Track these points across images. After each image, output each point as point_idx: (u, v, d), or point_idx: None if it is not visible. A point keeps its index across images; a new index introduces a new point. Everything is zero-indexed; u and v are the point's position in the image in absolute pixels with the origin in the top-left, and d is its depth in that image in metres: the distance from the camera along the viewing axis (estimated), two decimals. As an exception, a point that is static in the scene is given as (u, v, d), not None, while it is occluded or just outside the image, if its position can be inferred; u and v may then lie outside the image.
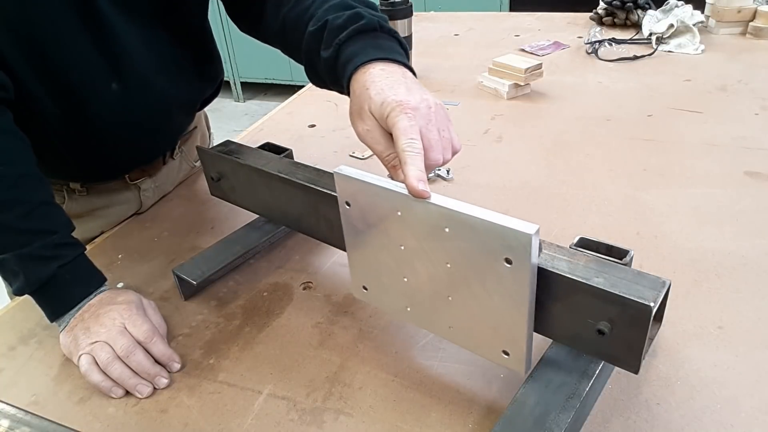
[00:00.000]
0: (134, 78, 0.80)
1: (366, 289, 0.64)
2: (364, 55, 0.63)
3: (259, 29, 0.84)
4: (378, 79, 0.61)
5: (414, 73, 0.65)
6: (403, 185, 0.53)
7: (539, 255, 0.51)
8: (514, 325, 0.52)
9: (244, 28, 0.87)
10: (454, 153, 0.61)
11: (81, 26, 0.73)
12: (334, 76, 0.68)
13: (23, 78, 0.71)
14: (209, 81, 0.96)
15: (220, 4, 0.88)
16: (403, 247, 0.56)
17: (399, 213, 0.54)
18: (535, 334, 0.54)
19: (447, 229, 0.51)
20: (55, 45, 0.72)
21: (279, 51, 0.84)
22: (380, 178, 0.56)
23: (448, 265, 0.53)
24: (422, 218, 0.53)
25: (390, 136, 0.58)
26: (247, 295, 0.78)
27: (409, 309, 0.61)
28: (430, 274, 0.56)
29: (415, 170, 0.52)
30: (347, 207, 0.59)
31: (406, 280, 0.58)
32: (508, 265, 0.49)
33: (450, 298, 0.56)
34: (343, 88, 0.66)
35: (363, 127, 0.60)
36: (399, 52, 0.66)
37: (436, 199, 0.51)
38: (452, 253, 0.52)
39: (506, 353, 0.54)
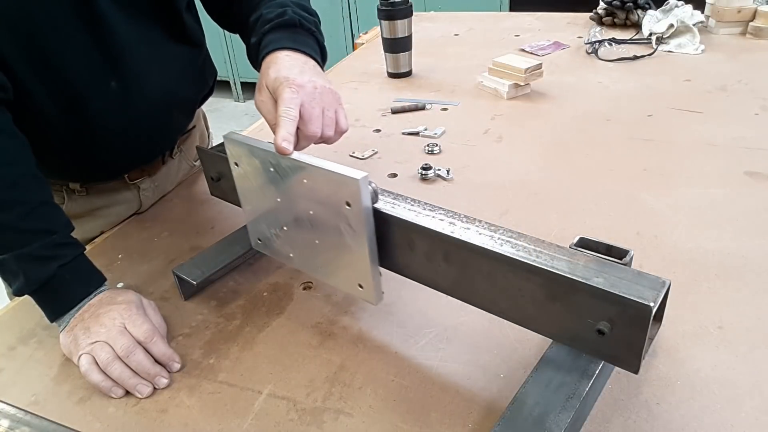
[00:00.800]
0: (133, 77, 0.80)
1: (260, 240, 0.74)
2: (277, 43, 0.75)
3: (226, 19, 0.93)
4: (280, 61, 0.72)
5: (321, 66, 0.77)
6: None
7: (376, 200, 0.59)
8: (362, 260, 0.61)
9: (216, 18, 0.94)
10: (339, 132, 0.72)
11: (80, 25, 0.73)
12: (256, 59, 0.78)
13: (22, 77, 0.71)
14: (205, 79, 0.97)
15: None
16: (279, 200, 0.66)
17: (271, 169, 0.64)
18: (542, 336, 0.54)
19: (305, 180, 0.61)
20: (54, 44, 0.72)
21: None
22: (259, 141, 0.66)
23: (311, 212, 0.63)
24: (288, 172, 0.63)
25: None
26: (247, 295, 0.78)
27: (291, 255, 0.71)
28: (300, 222, 0.66)
29: (283, 131, 0.63)
30: (236, 167, 0.69)
31: (285, 229, 0.69)
32: (348, 207, 0.58)
33: (317, 242, 0.65)
34: (258, 69, 0.75)
35: (259, 99, 0.71)
36: (311, 46, 0.77)
37: (295, 155, 0.61)
38: (311, 201, 0.62)
39: (361, 286, 0.64)
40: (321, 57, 0.79)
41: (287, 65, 0.71)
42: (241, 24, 0.87)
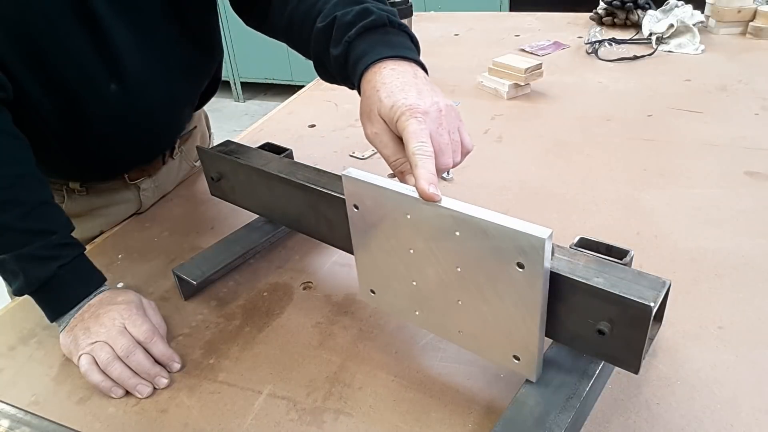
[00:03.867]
0: (133, 79, 0.80)
1: (374, 292, 0.64)
2: (374, 54, 0.62)
3: (264, 24, 0.83)
4: (388, 80, 0.60)
5: (425, 70, 0.64)
6: (412, 188, 0.53)
7: (552, 258, 0.50)
8: (526, 330, 0.51)
9: (249, 22, 0.86)
10: (465, 154, 0.60)
11: (78, 27, 0.72)
12: (344, 73, 0.67)
13: (20, 78, 0.71)
14: (207, 79, 0.96)
15: (224, 1, 0.88)
16: (412, 251, 0.56)
17: (408, 216, 0.54)
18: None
19: (457, 233, 0.51)
20: (52, 45, 0.72)
21: (279, 51, 0.84)
22: (388, 181, 0.55)
23: (459, 269, 0.53)
24: (432, 221, 0.52)
25: (399, 140, 0.57)
26: (247, 295, 0.78)
27: (417, 313, 0.60)
28: (440, 278, 0.55)
29: (426, 173, 0.52)
30: (355, 210, 0.59)
31: (415, 283, 0.58)
32: (521, 270, 0.48)
33: (460, 303, 0.55)
34: (354, 86, 0.66)
35: (372, 130, 0.60)
36: (409, 47, 0.66)
37: (446, 202, 0.51)
38: (463, 256, 0.52)
39: (517, 358, 0.54)
40: (419, 55, 0.67)
41: (399, 85, 0.59)
42: (290, 31, 0.77)
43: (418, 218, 0.53)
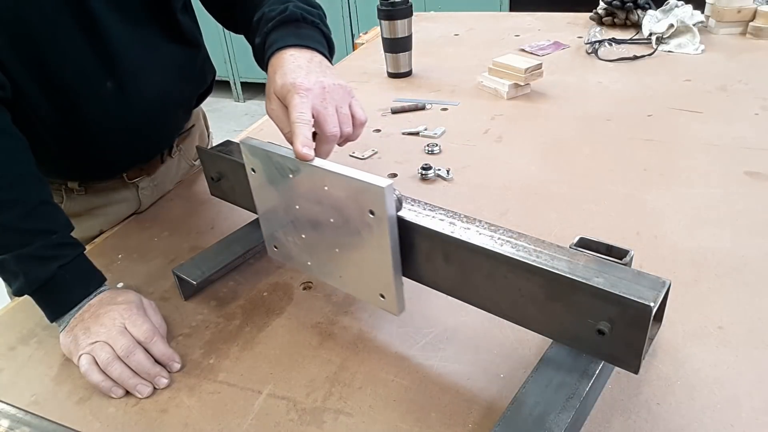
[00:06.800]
0: (129, 77, 0.80)
1: (276, 248, 0.73)
2: (280, 42, 0.73)
3: (230, 20, 0.91)
4: (285, 63, 0.70)
5: (328, 58, 0.75)
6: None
7: (400, 207, 0.59)
8: (385, 270, 0.60)
9: (219, 20, 0.93)
10: (358, 125, 0.70)
11: (74, 26, 0.73)
12: (262, 59, 0.77)
13: (18, 77, 0.71)
14: (203, 78, 0.97)
15: None
16: (297, 207, 0.65)
17: (291, 176, 0.63)
18: (542, 336, 0.54)
19: (326, 187, 0.59)
20: (49, 44, 0.72)
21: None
22: (275, 146, 0.64)
23: (332, 220, 0.62)
24: (308, 179, 0.61)
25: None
26: (247, 295, 0.78)
27: (309, 263, 0.69)
28: (320, 230, 0.64)
29: (301, 137, 0.61)
30: (253, 173, 0.67)
31: (303, 236, 0.67)
32: (372, 216, 0.56)
33: (337, 250, 0.64)
34: (266, 71, 0.74)
35: (269, 106, 0.69)
36: (316, 39, 0.75)
37: (316, 161, 0.60)
38: (333, 208, 0.60)
39: (382, 296, 0.62)
40: (328, 49, 0.76)
41: (292, 67, 0.68)
42: (245, 25, 0.85)
43: (298, 177, 0.62)
